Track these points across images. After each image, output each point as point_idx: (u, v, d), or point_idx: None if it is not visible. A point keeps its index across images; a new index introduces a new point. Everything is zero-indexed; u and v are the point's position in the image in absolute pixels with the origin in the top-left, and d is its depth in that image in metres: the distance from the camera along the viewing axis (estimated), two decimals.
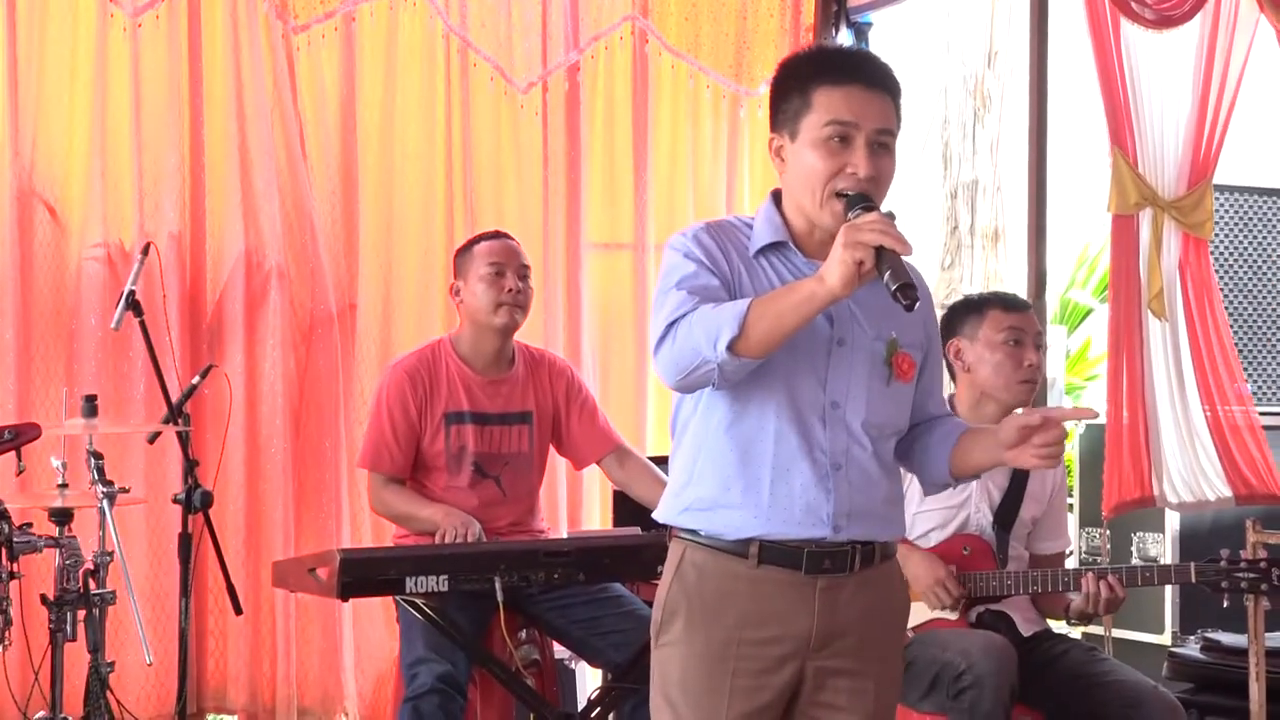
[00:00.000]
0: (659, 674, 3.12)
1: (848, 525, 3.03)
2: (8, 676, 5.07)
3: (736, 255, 3.07)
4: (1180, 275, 5.85)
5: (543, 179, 6.57)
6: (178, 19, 5.95)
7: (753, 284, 3.04)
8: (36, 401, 5.73)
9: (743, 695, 3.02)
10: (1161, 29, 5.84)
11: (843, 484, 3.02)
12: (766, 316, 2.83)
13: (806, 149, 3.02)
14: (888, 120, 3.04)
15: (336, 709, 6.14)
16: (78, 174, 5.85)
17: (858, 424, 3.04)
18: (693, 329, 2.88)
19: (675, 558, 3.12)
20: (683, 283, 2.98)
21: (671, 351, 2.92)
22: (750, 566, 3.03)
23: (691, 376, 2.91)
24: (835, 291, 2.79)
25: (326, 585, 4.18)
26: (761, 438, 3.01)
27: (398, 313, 6.29)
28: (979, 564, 4.50)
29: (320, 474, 6.12)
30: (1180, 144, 5.85)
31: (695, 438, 3.09)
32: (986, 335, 4.57)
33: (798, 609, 3.03)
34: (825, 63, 3.08)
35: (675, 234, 3.12)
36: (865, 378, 3.05)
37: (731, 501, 3.03)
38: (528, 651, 4.87)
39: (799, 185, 3.06)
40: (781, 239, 3.09)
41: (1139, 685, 4.32)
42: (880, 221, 2.80)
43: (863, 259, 2.77)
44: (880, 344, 3.07)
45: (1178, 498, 5.81)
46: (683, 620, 3.07)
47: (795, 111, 3.04)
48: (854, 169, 2.98)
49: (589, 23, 6.69)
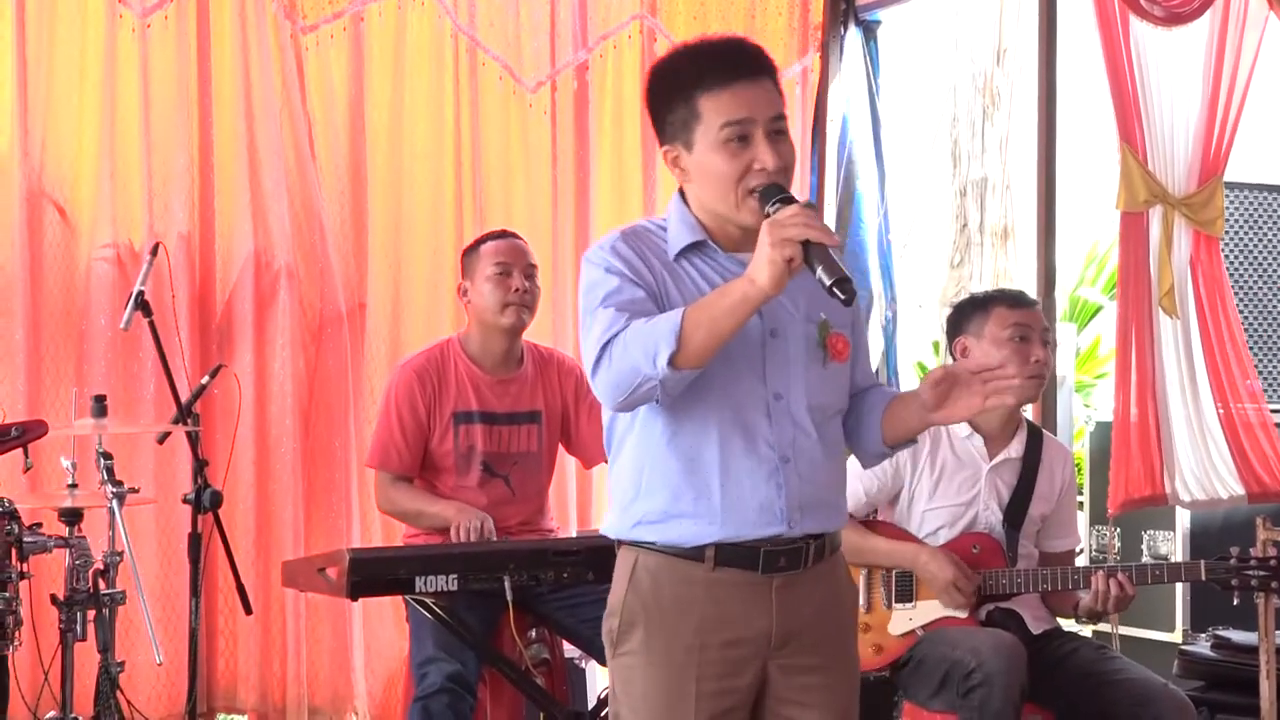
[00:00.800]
0: (620, 685, 3.08)
1: (801, 519, 3.00)
2: (18, 676, 5.07)
3: (658, 261, 3.03)
4: (1191, 272, 5.84)
5: (551, 178, 6.57)
6: (186, 19, 5.96)
7: (678, 288, 3.00)
8: (46, 401, 5.74)
9: (708, 700, 2.99)
10: (1171, 26, 5.83)
11: (792, 476, 2.99)
12: (702, 325, 2.79)
13: (707, 156, 2.97)
14: (777, 105, 3.00)
15: (347, 709, 6.15)
16: (87, 174, 5.86)
17: (802, 411, 3.01)
18: (629, 348, 2.84)
19: (627, 565, 3.07)
20: (608, 299, 2.93)
21: (609, 374, 2.87)
22: (707, 570, 2.99)
23: (633, 395, 2.87)
24: (767, 291, 2.76)
25: (336, 585, 4.19)
26: (706, 444, 2.97)
27: (407, 312, 6.30)
28: (988, 562, 4.50)
29: (330, 473, 6.12)
30: (1190, 141, 5.84)
31: (637, 451, 3.04)
32: (992, 332, 4.56)
33: (756, 609, 3.01)
34: (703, 67, 3.00)
35: (592, 247, 3.06)
36: (803, 364, 3.03)
37: (684, 511, 2.99)
38: (537, 650, 4.87)
39: (708, 192, 3.01)
40: (700, 238, 3.05)
41: (1149, 683, 4.32)
42: (802, 214, 2.77)
43: (791, 256, 2.74)
44: (812, 326, 3.05)
45: (1190, 495, 5.80)
46: (641, 629, 3.03)
47: (684, 122, 3.00)
48: (761, 164, 2.94)
49: (597, 22, 6.69)
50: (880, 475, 4.58)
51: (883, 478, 4.59)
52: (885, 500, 4.65)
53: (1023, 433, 4.65)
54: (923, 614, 4.50)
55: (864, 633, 4.54)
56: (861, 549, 4.55)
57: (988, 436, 4.61)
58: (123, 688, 5.01)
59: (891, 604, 4.55)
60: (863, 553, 4.55)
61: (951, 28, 9.29)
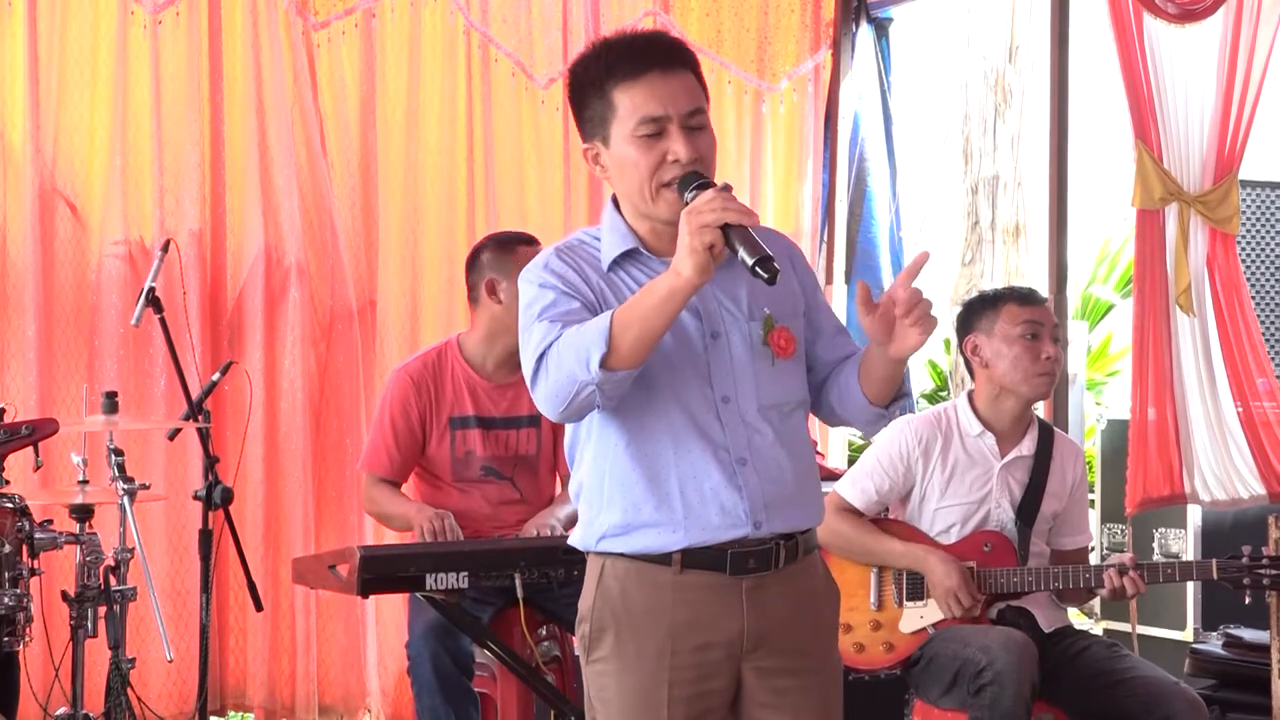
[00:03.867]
0: (594, 693, 3.06)
1: (768, 519, 2.96)
2: (29, 673, 5.08)
3: (594, 273, 3.00)
4: (1208, 271, 5.81)
5: (564, 175, 6.56)
6: (198, 16, 5.97)
7: (616, 298, 2.95)
8: (58, 398, 5.75)
9: (681, 705, 2.97)
10: (1184, 23, 5.81)
11: (751, 478, 2.95)
12: (632, 324, 2.77)
13: (623, 148, 2.95)
14: (695, 98, 2.96)
15: (359, 707, 6.15)
16: (98, 171, 5.87)
17: (753, 412, 2.97)
18: (562, 356, 2.81)
19: (595, 572, 3.04)
20: (544, 313, 2.91)
21: (547, 384, 2.84)
22: (675, 573, 2.96)
23: (574, 404, 2.83)
24: (693, 281, 2.74)
25: (347, 582, 4.18)
26: (662, 451, 2.94)
27: (423, 309, 6.29)
28: (1000, 560, 4.49)
29: (340, 470, 6.12)
30: (1205, 138, 5.82)
31: (596, 463, 3.00)
32: (1003, 330, 4.56)
33: (726, 612, 2.97)
34: (615, 59, 2.96)
35: (527, 266, 3.04)
36: (749, 364, 2.98)
37: (646, 520, 2.95)
38: (548, 648, 4.87)
39: (627, 188, 2.99)
40: (631, 246, 3.02)
41: (1161, 681, 4.31)
42: (717, 198, 2.74)
43: (712, 241, 2.72)
44: (756, 324, 3.00)
45: (1210, 495, 5.77)
46: (612, 636, 3.00)
47: (601, 117, 2.97)
48: (674, 156, 2.91)
49: (610, 18, 6.69)
50: (891, 473, 4.58)
51: (894, 476, 4.58)
52: (897, 498, 4.64)
53: (1034, 430, 4.64)
54: (934, 612, 4.49)
55: (875, 630, 4.53)
56: (872, 549, 4.55)
57: (999, 434, 4.60)
58: (133, 684, 5.02)
59: (903, 602, 4.54)
60: (874, 552, 4.55)
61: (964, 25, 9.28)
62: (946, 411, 4.66)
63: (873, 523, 4.61)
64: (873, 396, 3.05)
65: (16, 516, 4.65)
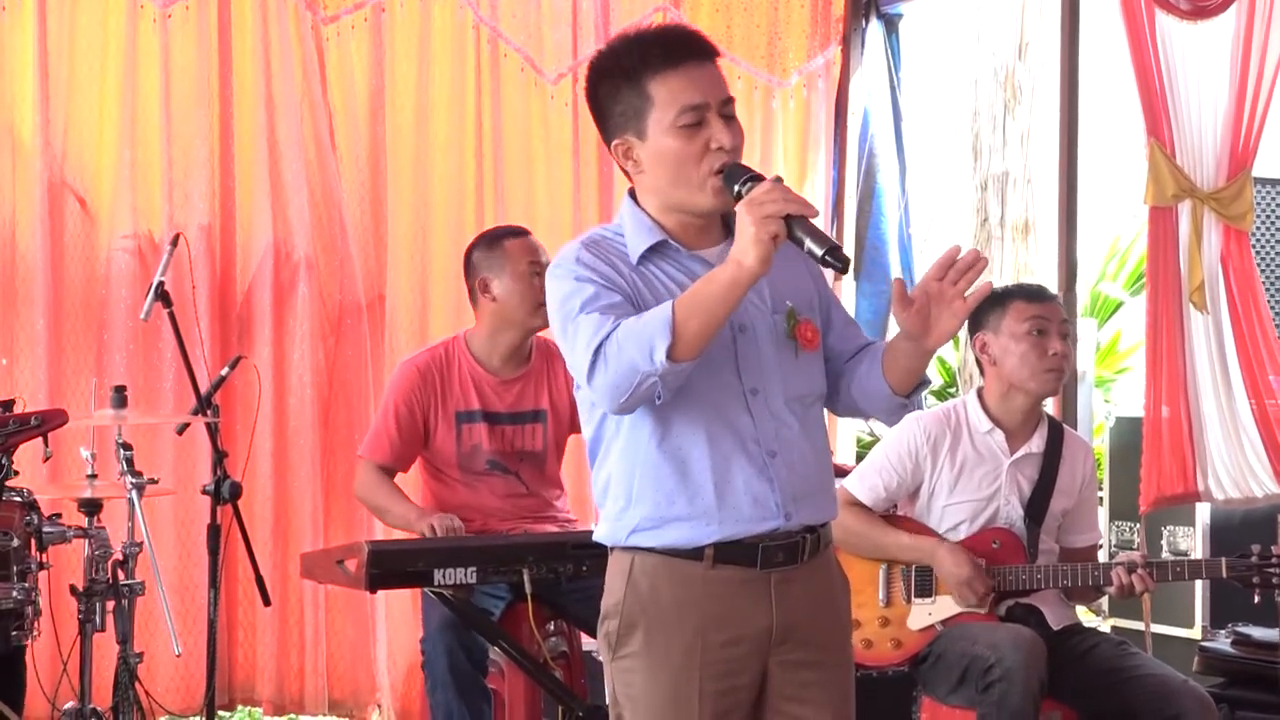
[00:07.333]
0: (621, 689, 3.07)
1: (797, 510, 2.98)
2: (37, 667, 5.08)
3: (624, 266, 2.99)
4: (1222, 268, 5.80)
5: (573, 170, 6.56)
6: (207, 10, 5.97)
7: (650, 292, 2.96)
8: (67, 392, 5.76)
9: (710, 700, 2.97)
10: (1196, 20, 5.79)
11: (781, 469, 2.97)
12: (696, 314, 2.77)
13: (663, 140, 2.94)
14: (725, 88, 2.98)
15: (369, 702, 6.15)
16: (108, 165, 5.88)
17: (780, 404, 2.98)
18: (622, 348, 2.79)
19: (624, 567, 3.04)
20: (588, 306, 2.88)
21: (607, 376, 2.82)
22: (705, 569, 2.97)
23: (634, 395, 2.82)
24: (756, 271, 2.75)
25: (355, 577, 4.18)
26: (695, 444, 2.94)
27: (431, 303, 6.29)
28: (1009, 558, 4.48)
29: (349, 465, 6.11)
30: (1218, 135, 5.80)
31: (625, 457, 2.99)
32: (1010, 327, 4.54)
33: (756, 606, 2.99)
34: (648, 52, 2.95)
35: (554, 262, 3.01)
36: (775, 356, 3.00)
37: (679, 514, 2.96)
38: (556, 644, 4.86)
39: (668, 179, 2.97)
40: (660, 239, 3.00)
41: (1169, 679, 4.30)
42: (777, 189, 2.76)
43: (776, 232, 2.73)
44: (780, 317, 3.01)
45: (1224, 493, 5.76)
46: (641, 631, 3.01)
47: (635, 110, 2.95)
48: (718, 144, 2.92)
49: (620, 13, 6.68)
50: (900, 470, 4.57)
51: (902, 472, 4.57)
52: (905, 495, 4.64)
53: (1044, 427, 4.63)
54: (942, 609, 4.48)
55: (883, 627, 4.53)
56: (881, 544, 4.54)
57: (1009, 431, 4.59)
58: (141, 679, 5.02)
59: (911, 599, 4.53)
60: (883, 547, 4.54)
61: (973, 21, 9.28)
62: (956, 408, 4.65)
63: (883, 518, 4.60)
64: (897, 386, 3.06)
65: (25, 510, 4.65)
